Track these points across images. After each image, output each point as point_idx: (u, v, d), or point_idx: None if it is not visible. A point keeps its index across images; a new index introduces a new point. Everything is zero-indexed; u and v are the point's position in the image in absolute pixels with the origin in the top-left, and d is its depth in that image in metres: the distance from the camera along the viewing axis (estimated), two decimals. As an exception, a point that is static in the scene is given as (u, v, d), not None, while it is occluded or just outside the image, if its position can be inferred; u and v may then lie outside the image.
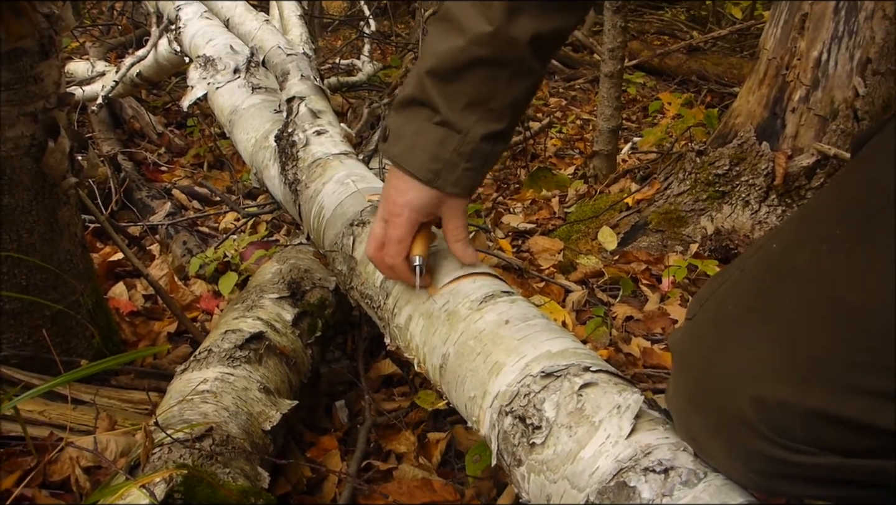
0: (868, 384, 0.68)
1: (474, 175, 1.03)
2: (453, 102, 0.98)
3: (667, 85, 5.39)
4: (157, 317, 2.11)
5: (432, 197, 1.04)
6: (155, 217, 2.78)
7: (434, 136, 1.00)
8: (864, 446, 0.70)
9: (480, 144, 1.00)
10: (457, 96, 0.98)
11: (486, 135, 0.99)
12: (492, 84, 0.97)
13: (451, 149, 1.00)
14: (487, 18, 0.92)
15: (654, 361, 1.87)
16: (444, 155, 1.00)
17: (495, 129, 1.00)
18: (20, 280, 1.49)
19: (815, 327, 0.73)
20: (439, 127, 0.99)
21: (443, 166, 1.01)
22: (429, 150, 1.00)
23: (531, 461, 0.92)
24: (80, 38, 4.55)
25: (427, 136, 1.00)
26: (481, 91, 0.97)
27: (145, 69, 3.15)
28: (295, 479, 1.44)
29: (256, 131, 2.07)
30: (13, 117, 1.40)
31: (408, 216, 1.07)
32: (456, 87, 0.97)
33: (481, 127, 0.99)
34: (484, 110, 0.98)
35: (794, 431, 0.71)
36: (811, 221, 0.84)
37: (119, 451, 1.35)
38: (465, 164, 1.01)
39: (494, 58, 0.95)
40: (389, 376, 1.85)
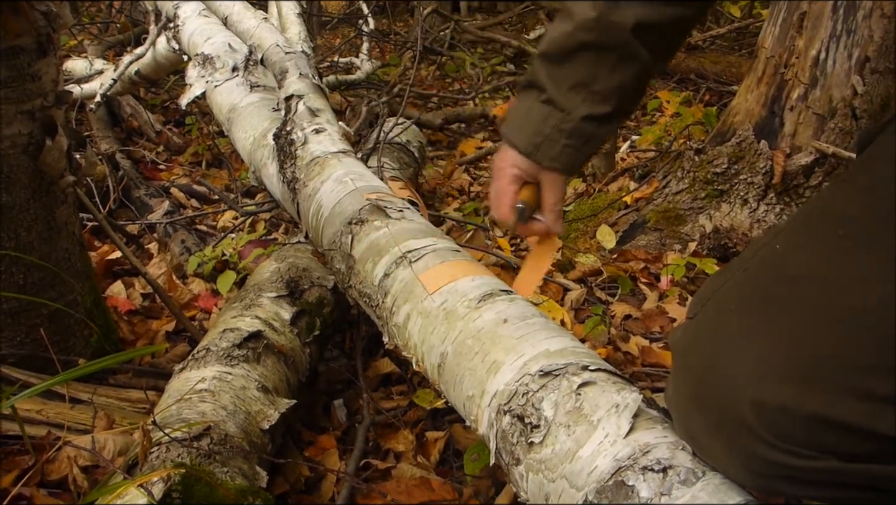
0: (869, 388, 0.68)
1: (574, 153, 1.07)
2: (560, 83, 1.03)
3: (665, 83, 5.38)
4: (155, 315, 2.11)
5: (532, 166, 1.10)
6: (153, 215, 2.77)
7: (539, 113, 1.05)
8: (864, 451, 0.69)
9: (581, 124, 1.03)
10: (563, 78, 1.02)
11: (588, 115, 1.03)
12: (596, 68, 1.01)
13: (553, 125, 1.04)
14: (593, 5, 0.97)
15: (653, 360, 1.87)
16: (545, 130, 1.05)
17: (599, 111, 1.03)
18: (18, 279, 1.49)
19: (817, 330, 0.72)
20: (545, 105, 1.04)
21: (543, 140, 1.06)
22: (533, 125, 1.06)
23: (529, 460, 0.92)
24: (78, 36, 4.54)
25: (533, 113, 1.06)
26: (586, 74, 1.01)
27: (143, 67, 3.14)
28: (293, 478, 1.44)
29: (255, 129, 2.07)
30: (11, 115, 1.39)
31: (508, 171, 1.13)
32: (563, 70, 1.02)
33: (584, 107, 1.02)
34: (588, 92, 1.02)
35: (794, 434, 0.71)
36: (814, 222, 0.84)
37: (117, 450, 1.35)
38: (565, 140, 1.05)
39: (598, 42, 0.99)
40: (388, 375, 1.85)
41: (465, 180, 3.40)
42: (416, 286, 1.22)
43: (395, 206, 1.46)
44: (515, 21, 7.75)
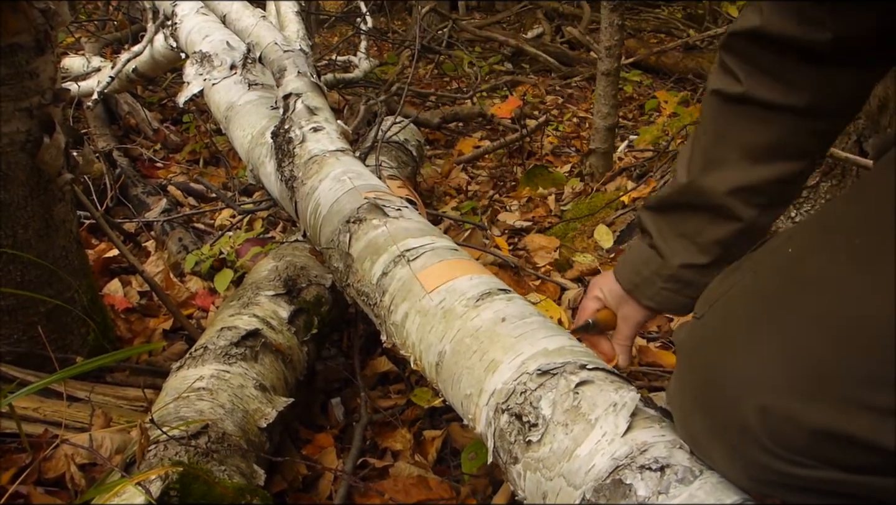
0: (875, 401, 0.67)
1: (672, 295, 1.10)
2: (664, 232, 1.08)
3: (663, 83, 5.40)
4: (152, 314, 2.11)
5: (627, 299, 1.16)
6: (150, 213, 2.77)
7: (643, 255, 1.11)
8: (866, 463, 0.69)
9: (679, 271, 1.07)
10: (666, 227, 1.08)
11: (685, 264, 1.07)
12: (694, 224, 1.05)
13: (652, 269, 1.10)
14: (686, 171, 1.03)
15: (650, 359, 1.87)
16: (644, 272, 1.11)
17: (697, 261, 1.06)
18: (15, 276, 1.48)
19: (826, 339, 0.72)
20: (648, 248, 1.10)
21: (641, 281, 1.12)
22: (635, 265, 1.13)
23: (527, 459, 0.92)
24: (75, 34, 4.52)
25: (639, 255, 1.12)
26: (686, 227, 1.06)
27: (141, 65, 3.13)
28: (291, 476, 1.44)
29: (253, 128, 2.07)
30: (9, 113, 1.39)
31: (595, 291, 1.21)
32: (665, 221, 1.08)
33: (684, 256, 1.06)
34: (689, 242, 1.06)
35: (797, 444, 0.70)
36: (829, 228, 0.82)
37: (114, 448, 1.35)
38: (663, 284, 1.10)
39: (692, 203, 1.03)
40: (385, 374, 1.85)
41: (462, 179, 3.40)
42: (415, 285, 1.22)
43: (394, 205, 1.46)
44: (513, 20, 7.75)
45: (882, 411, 0.67)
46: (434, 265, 1.24)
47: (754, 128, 0.95)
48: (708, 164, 1.00)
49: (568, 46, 6.36)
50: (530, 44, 6.10)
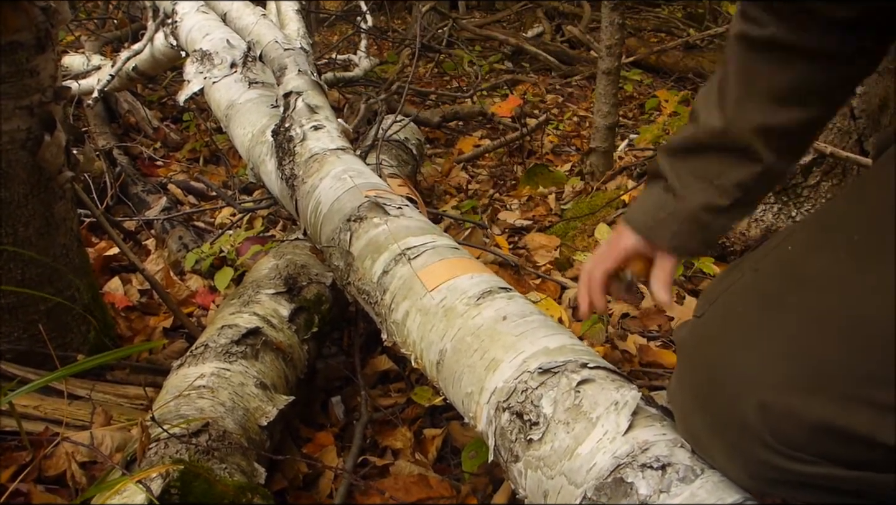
0: (876, 397, 0.67)
1: (689, 238, 1.06)
2: (682, 174, 1.04)
3: (663, 82, 5.39)
4: (152, 312, 2.11)
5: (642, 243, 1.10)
6: (150, 212, 2.77)
7: (658, 198, 1.07)
8: (866, 459, 0.69)
9: (698, 212, 1.03)
10: (685, 170, 1.04)
11: (705, 205, 1.03)
12: (717, 166, 1.01)
13: (669, 211, 1.05)
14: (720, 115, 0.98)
15: (651, 359, 1.87)
16: (660, 214, 1.06)
17: (717, 203, 1.02)
18: (16, 274, 1.48)
19: (827, 337, 0.72)
20: (663, 191, 1.06)
21: (656, 224, 1.07)
22: (650, 209, 1.08)
23: (528, 457, 0.92)
24: (75, 32, 4.52)
25: (654, 199, 1.08)
26: (707, 169, 1.02)
27: (141, 63, 3.13)
28: (291, 474, 1.44)
29: (253, 126, 2.07)
30: (9, 111, 1.39)
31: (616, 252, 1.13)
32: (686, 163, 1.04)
33: (702, 196, 1.02)
34: (708, 184, 1.02)
35: (797, 440, 0.71)
36: (829, 226, 0.83)
37: (115, 446, 1.35)
38: (679, 225, 1.05)
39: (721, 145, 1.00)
40: (386, 372, 1.85)
41: (462, 178, 3.40)
42: (415, 283, 1.22)
43: (394, 204, 1.46)
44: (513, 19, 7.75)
45: (882, 408, 0.67)
46: (435, 264, 1.24)
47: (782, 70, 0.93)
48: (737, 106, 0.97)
49: (568, 45, 6.35)
50: (530, 42, 6.10)
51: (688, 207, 1.04)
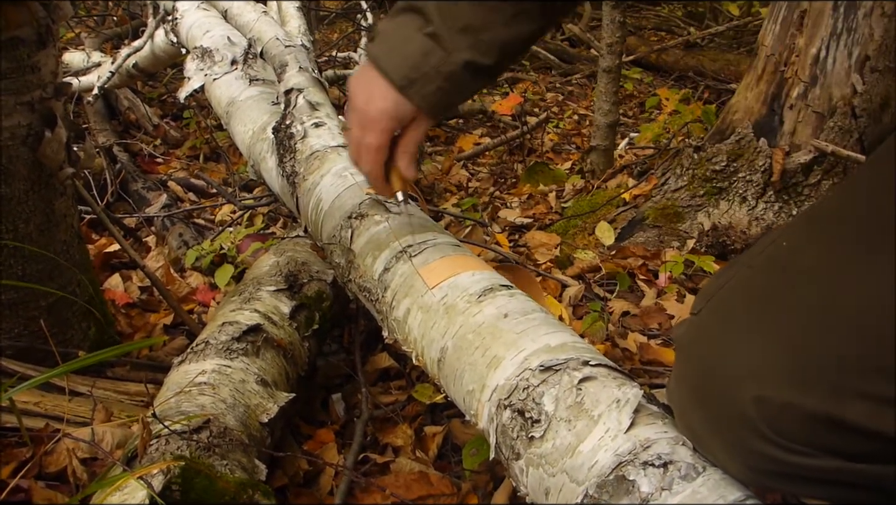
0: (872, 389, 0.68)
1: (445, 97, 1.01)
2: (450, 20, 0.96)
3: (664, 81, 5.39)
4: (152, 309, 2.11)
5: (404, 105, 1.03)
6: (151, 209, 2.77)
7: (421, 45, 0.98)
8: (864, 450, 0.69)
9: (461, 70, 0.97)
10: (455, 16, 0.95)
11: (469, 62, 0.97)
12: (492, 15, 0.95)
13: (433, 63, 0.98)
14: None
15: (651, 357, 1.87)
16: (424, 67, 0.98)
17: (481, 62, 0.98)
18: (16, 270, 1.48)
19: (822, 329, 0.72)
20: (428, 39, 0.97)
21: (419, 77, 0.99)
22: (411, 57, 0.99)
23: (530, 455, 0.92)
24: (75, 29, 4.52)
25: (414, 43, 0.98)
26: (480, 19, 0.95)
27: (141, 60, 3.13)
28: (292, 471, 1.44)
29: (254, 123, 2.07)
30: (10, 107, 1.39)
31: (385, 125, 1.06)
32: (458, 7, 0.95)
33: (467, 53, 0.96)
34: (476, 39, 0.96)
35: (795, 432, 0.71)
36: (822, 221, 0.84)
37: (115, 442, 1.35)
38: (442, 82, 0.99)
39: None
40: (386, 370, 1.85)
41: (463, 176, 3.40)
42: (417, 281, 1.22)
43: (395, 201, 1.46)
44: (514, 17, 7.72)
45: (878, 399, 0.68)
46: (436, 261, 1.24)
47: None
48: None
49: (568, 44, 6.35)
50: (531, 41, 6.08)
51: (453, 61, 0.98)
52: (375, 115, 1.05)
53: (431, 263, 1.24)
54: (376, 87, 1.03)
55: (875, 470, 0.70)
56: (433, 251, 1.27)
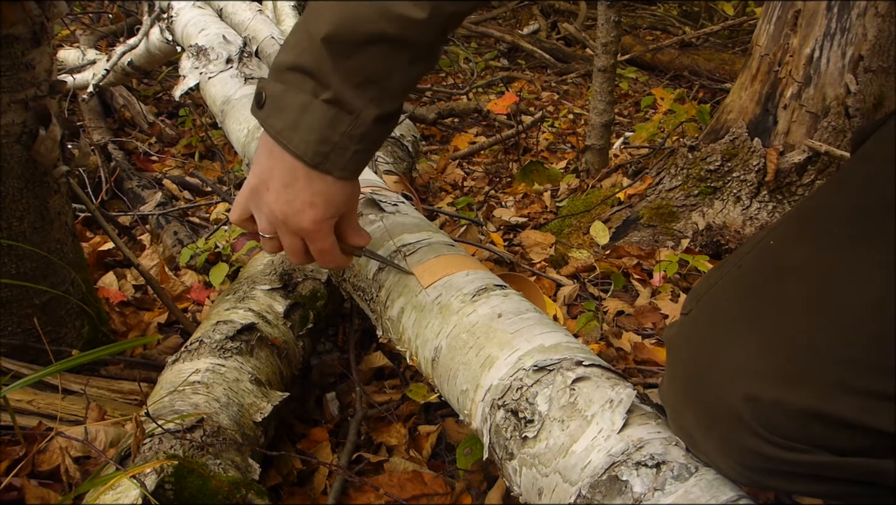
0: (863, 384, 0.68)
1: (363, 157, 0.97)
2: (349, 78, 0.89)
3: (659, 80, 5.40)
4: (147, 307, 2.11)
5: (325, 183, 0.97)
6: (145, 207, 2.76)
7: (323, 115, 0.92)
8: (856, 445, 0.70)
9: (372, 127, 0.93)
10: (354, 72, 0.89)
11: (378, 116, 0.93)
12: (392, 62, 0.89)
13: (342, 131, 0.92)
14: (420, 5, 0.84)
15: (645, 356, 1.88)
16: (333, 138, 0.93)
17: (388, 110, 0.94)
18: (10, 268, 1.48)
19: (811, 326, 0.73)
20: (329, 106, 0.91)
21: (331, 149, 0.93)
22: (317, 130, 0.92)
23: (523, 455, 0.93)
24: (70, 26, 4.51)
25: (315, 114, 0.92)
26: (380, 69, 0.89)
27: (137, 58, 3.12)
28: (286, 470, 1.44)
29: (249, 122, 2.06)
30: (4, 105, 1.39)
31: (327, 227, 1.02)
32: (352, 62, 0.89)
33: (374, 108, 0.92)
34: (378, 90, 0.91)
35: (787, 429, 0.71)
36: (809, 219, 0.84)
37: (108, 441, 1.35)
38: (356, 146, 0.94)
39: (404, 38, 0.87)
40: (380, 369, 1.85)
41: (458, 175, 3.40)
42: (411, 280, 1.22)
43: (390, 200, 1.46)
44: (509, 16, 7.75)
45: (868, 394, 0.68)
46: (430, 260, 1.24)
47: None
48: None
49: (564, 43, 6.36)
50: (526, 40, 6.09)
51: (363, 122, 0.92)
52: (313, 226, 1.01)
53: (426, 263, 1.24)
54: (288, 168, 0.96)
55: (869, 464, 0.71)
56: (427, 250, 1.27)
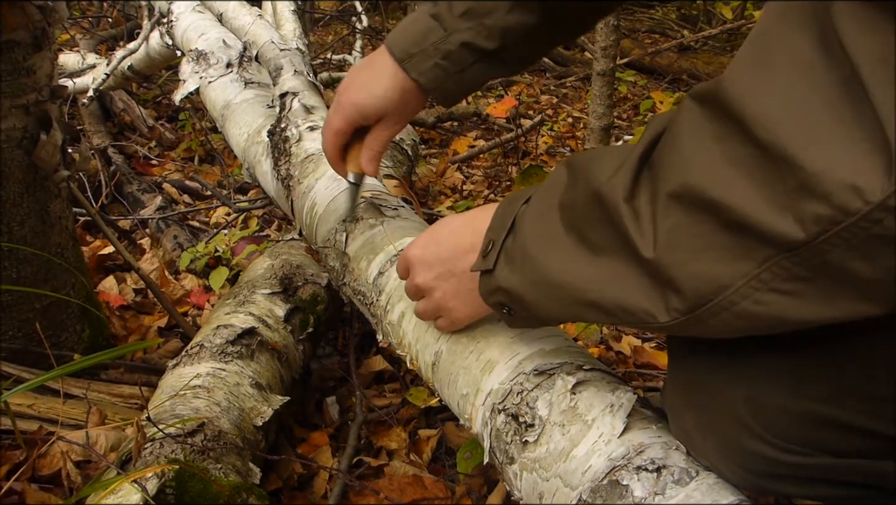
0: (866, 387, 0.68)
1: (443, 74, 1.04)
2: (454, 5, 1.01)
3: (658, 84, 5.41)
4: (147, 311, 2.11)
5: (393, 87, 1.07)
6: (145, 211, 2.77)
7: (424, 25, 1.03)
8: (857, 448, 0.70)
9: (460, 49, 1.01)
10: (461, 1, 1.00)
11: (467, 43, 1.00)
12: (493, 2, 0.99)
13: (432, 41, 1.02)
14: None
15: (645, 360, 1.88)
16: (423, 44, 1.03)
17: (481, 45, 1.01)
18: (11, 273, 1.48)
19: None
20: (431, 19, 1.02)
21: (418, 52, 1.03)
22: (413, 34, 1.03)
23: (523, 459, 0.93)
24: (70, 30, 4.51)
25: (419, 24, 1.03)
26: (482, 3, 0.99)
27: (136, 62, 3.13)
28: (286, 474, 1.44)
29: (249, 126, 2.07)
30: (5, 109, 1.39)
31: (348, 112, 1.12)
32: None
33: (467, 34, 1.00)
34: (477, 23, 1.00)
35: (788, 431, 0.71)
36: None
37: (109, 445, 1.35)
38: (439, 59, 1.03)
39: None
40: (381, 373, 1.85)
41: (457, 178, 3.40)
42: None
43: (390, 204, 1.46)
44: (509, 20, 7.74)
45: (873, 397, 0.68)
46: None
47: None
48: None
49: (563, 46, 6.36)
50: (526, 44, 6.09)
51: (452, 41, 1.02)
52: (344, 102, 1.12)
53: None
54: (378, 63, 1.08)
55: (868, 466, 0.71)
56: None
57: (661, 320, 0.66)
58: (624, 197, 0.66)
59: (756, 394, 0.73)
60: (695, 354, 0.83)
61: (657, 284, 0.65)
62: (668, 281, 0.64)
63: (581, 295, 0.73)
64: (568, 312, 0.78)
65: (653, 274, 0.65)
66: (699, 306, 0.62)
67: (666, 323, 0.66)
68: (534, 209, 0.80)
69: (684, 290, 0.63)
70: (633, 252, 0.66)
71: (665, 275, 0.64)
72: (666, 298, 0.65)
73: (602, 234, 0.69)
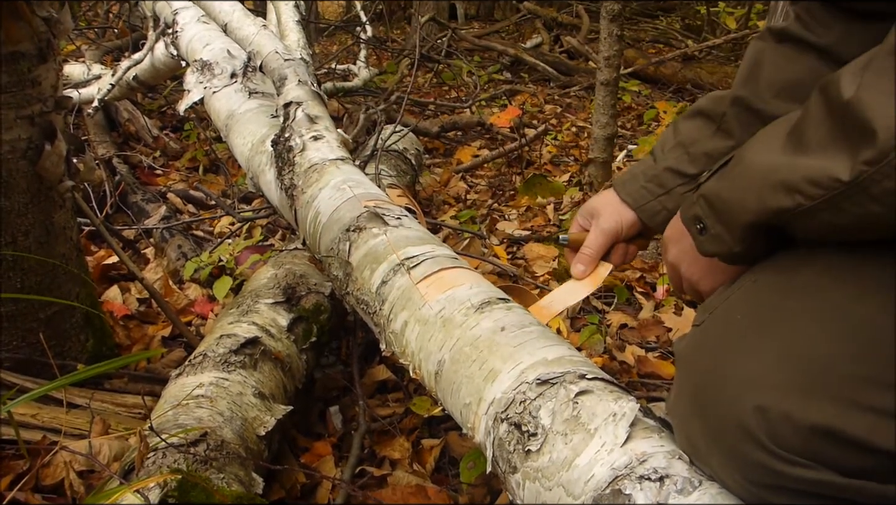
0: (875, 402, 0.68)
1: (647, 196, 1.17)
2: (667, 141, 1.16)
3: (662, 93, 5.42)
4: (151, 321, 2.11)
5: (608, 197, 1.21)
6: (150, 221, 2.77)
7: (643, 163, 1.19)
8: (861, 465, 0.70)
9: (664, 173, 1.14)
10: (672, 137, 1.15)
11: (671, 167, 1.14)
12: (697, 132, 1.12)
13: (641, 169, 1.17)
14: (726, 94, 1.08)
15: (649, 370, 1.88)
16: (635, 171, 1.19)
17: (683, 169, 1.13)
18: (15, 283, 1.49)
19: (826, 340, 0.72)
20: (650, 156, 1.18)
21: (629, 179, 1.19)
22: (633, 171, 1.19)
23: (526, 468, 0.92)
24: (76, 41, 4.53)
25: (640, 164, 1.20)
26: (690, 134, 1.12)
27: (141, 73, 3.14)
28: (289, 484, 1.44)
29: (253, 136, 2.07)
30: (10, 120, 1.40)
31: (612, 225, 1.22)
32: (675, 130, 1.15)
33: (672, 161, 1.14)
34: (683, 151, 1.13)
35: (795, 444, 0.71)
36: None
37: (113, 455, 1.35)
38: (646, 182, 1.17)
39: (707, 110, 1.11)
40: (384, 382, 1.85)
41: (461, 188, 3.40)
42: (414, 293, 1.22)
43: (393, 214, 1.46)
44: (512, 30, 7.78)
45: (880, 412, 0.68)
46: (434, 274, 1.25)
47: (783, 64, 1.01)
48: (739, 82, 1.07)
49: (566, 56, 6.38)
50: (529, 53, 6.12)
51: (658, 167, 1.15)
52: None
53: (429, 276, 1.24)
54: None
55: (873, 488, 0.70)
56: (431, 264, 1.28)
57: (843, 179, 0.68)
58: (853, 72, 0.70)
59: (765, 403, 0.72)
60: (704, 361, 0.83)
61: (850, 136, 0.68)
62: (862, 125, 0.66)
63: (774, 175, 0.77)
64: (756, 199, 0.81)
65: (849, 121, 0.68)
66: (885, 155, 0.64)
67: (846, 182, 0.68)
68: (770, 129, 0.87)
69: (878, 132, 0.64)
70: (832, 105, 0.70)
71: (862, 117, 0.66)
72: (857, 150, 0.67)
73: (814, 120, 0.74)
